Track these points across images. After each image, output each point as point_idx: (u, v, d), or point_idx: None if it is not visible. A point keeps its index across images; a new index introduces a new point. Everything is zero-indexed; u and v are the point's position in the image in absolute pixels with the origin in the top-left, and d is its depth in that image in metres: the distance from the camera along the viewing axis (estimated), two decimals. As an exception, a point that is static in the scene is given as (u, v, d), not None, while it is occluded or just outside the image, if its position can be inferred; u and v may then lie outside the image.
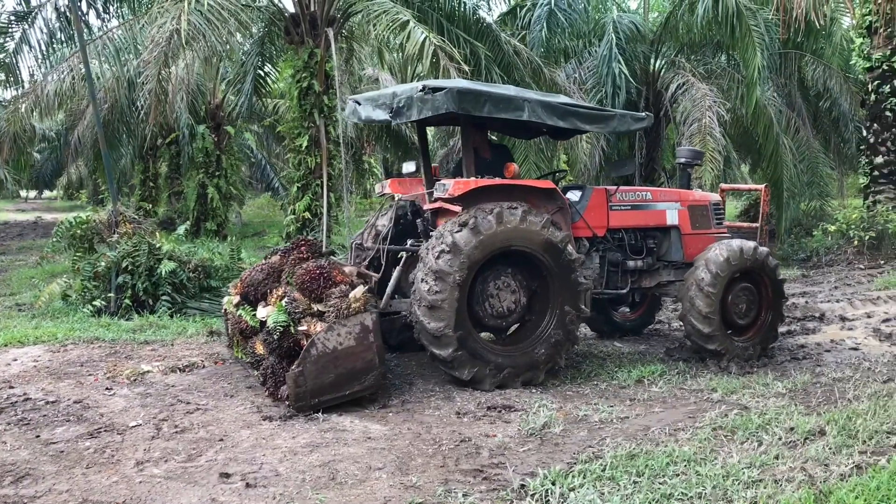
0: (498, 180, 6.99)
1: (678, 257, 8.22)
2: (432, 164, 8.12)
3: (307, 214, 13.86)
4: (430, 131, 37.94)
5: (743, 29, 14.94)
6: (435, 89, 6.61)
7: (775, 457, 4.90)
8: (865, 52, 17.76)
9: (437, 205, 7.15)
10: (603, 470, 4.68)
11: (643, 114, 8.04)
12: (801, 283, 13.66)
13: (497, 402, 6.27)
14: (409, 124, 7.92)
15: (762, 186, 9.63)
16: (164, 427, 5.57)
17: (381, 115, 7.18)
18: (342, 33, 15.20)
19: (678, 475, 4.62)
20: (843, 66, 20.98)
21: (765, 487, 4.39)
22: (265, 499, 4.35)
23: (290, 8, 14.55)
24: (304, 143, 13.79)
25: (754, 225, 9.49)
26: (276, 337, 6.17)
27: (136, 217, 12.14)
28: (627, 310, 9.57)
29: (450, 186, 6.76)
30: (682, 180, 9.21)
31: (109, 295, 9.99)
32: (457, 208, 6.81)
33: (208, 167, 20.93)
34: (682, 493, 4.35)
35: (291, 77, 14.03)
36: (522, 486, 4.50)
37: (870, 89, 17.75)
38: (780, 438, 5.26)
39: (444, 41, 12.13)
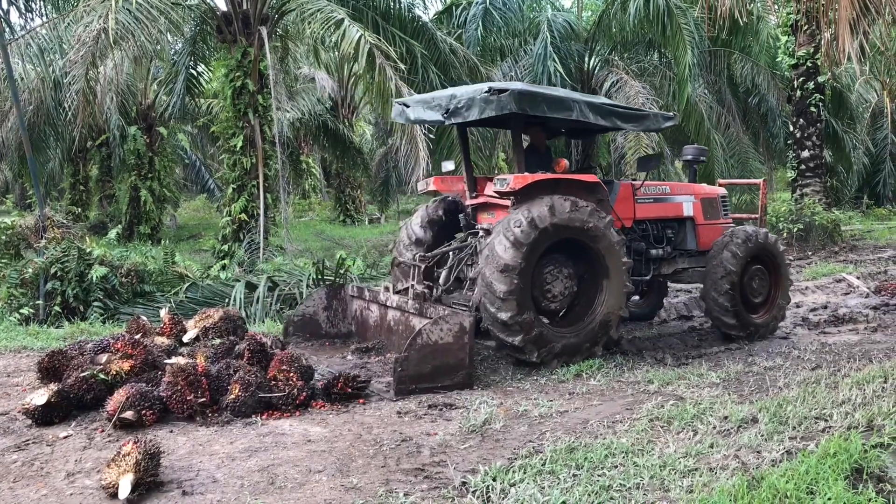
0: (552, 175, 7.59)
1: (692, 246, 8.87)
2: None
3: (243, 216, 13.66)
4: (368, 131, 37.73)
5: (674, 27, 15.27)
6: (500, 91, 7.00)
7: (710, 445, 5.00)
8: (790, 49, 18.32)
9: (478, 200, 7.96)
10: (543, 464, 4.71)
11: (671, 113, 8.62)
12: (733, 275, 13.97)
13: (438, 401, 6.25)
14: (451, 126, 8.68)
15: (761, 181, 10.44)
16: (97, 437, 5.41)
17: (434, 115, 7.66)
18: (276, 32, 15.02)
19: (616, 467, 4.68)
20: (771, 63, 21.61)
21: (700, 476, 4.48)
22: (202, 506, 4.27)
23: (223, 6, 14.32)
24: (239, 144, 13.58)
25: (754, 216, 10.70)
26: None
27: (64, 222, 11.82)
28: (639, 297, 9.97)
29: (510, 181, 7.21)
30: (689, 176, 9.84)
31: (38, 302, 9.69)
32: (506, 202, 7.47)
33: (141, 169, 20.49)
34: (621, 484, 4.40)
35: (225, 76, 13.80)
36: (464, 483, 4.50)
37: (795, 86, 18.31)
38: (714, 427, 5.37)
39: (379, 39, 12.11)
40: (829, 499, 3.99)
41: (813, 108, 18.12)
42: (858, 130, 24.27)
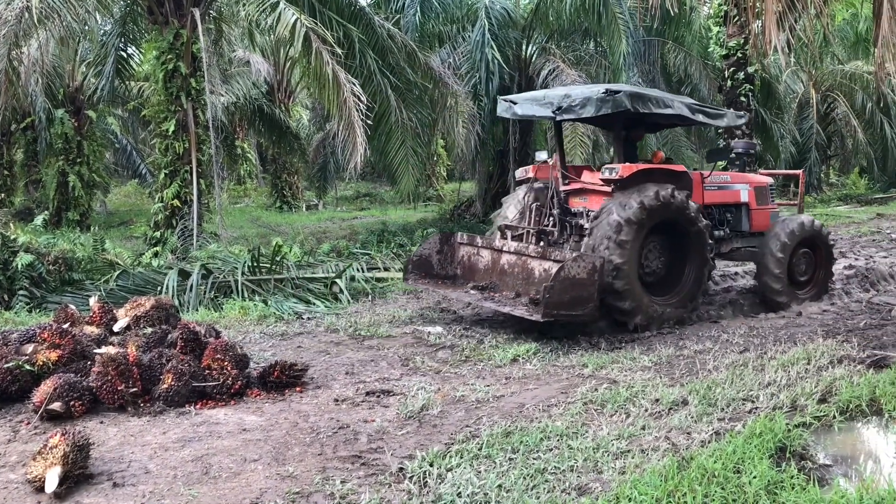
0: (651, 164, 8.73)
1: (746, 228, 9.88)
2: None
3: (176, 202, 13.36)
4: (305, 116, 37.30)
5: (609, 16, 15.45)
6: (615, 91, 8.00)
7: (642, 427, 5.12)
8: (721, 40, 18.71)
9: (571, 186, 9.12)
10: (479, 449, 4.77)
11: (742, 112, 9.71)
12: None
13: (376, 388, 6.26)
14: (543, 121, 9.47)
15: (800, 172, 11.42)
16: (23, 430, 5.25)
17: (544, 112, 8.62)
18: (210, 13, 14.66)
19: (551, 450, 4.76)
20: (703, 54, 22.00)
21: (633, 457, 4.59)
22: (134, 498, 4.18)
23: (153, -14, 13.91)
24: (171, 128, 13.26)
25: (794, 202, 11.83)
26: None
27: (-13, 208, 11.38)
28: None
29: (619, 169, 8.23)
30: (740, 166, 10.76)
31: (-41, 291, 9.33)
32: (603, 188, 8.55)
33: (69, 154, 19.80)
34: (556, 466, 4.48)
35: (156, 59, 13.42)
36: (401, 469, 4.52)
37: (726, 76, 18.75)
38: (646, 410, 5.50)
39: (315, 23, 11.93)
40: (755, 477, 4.14)
41: (743, 98, 18.57)
42: (786, 120, 24.95)
